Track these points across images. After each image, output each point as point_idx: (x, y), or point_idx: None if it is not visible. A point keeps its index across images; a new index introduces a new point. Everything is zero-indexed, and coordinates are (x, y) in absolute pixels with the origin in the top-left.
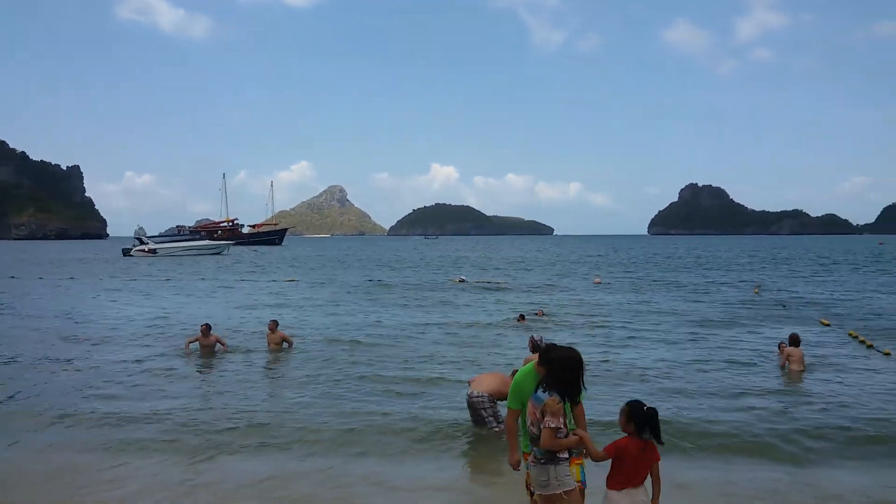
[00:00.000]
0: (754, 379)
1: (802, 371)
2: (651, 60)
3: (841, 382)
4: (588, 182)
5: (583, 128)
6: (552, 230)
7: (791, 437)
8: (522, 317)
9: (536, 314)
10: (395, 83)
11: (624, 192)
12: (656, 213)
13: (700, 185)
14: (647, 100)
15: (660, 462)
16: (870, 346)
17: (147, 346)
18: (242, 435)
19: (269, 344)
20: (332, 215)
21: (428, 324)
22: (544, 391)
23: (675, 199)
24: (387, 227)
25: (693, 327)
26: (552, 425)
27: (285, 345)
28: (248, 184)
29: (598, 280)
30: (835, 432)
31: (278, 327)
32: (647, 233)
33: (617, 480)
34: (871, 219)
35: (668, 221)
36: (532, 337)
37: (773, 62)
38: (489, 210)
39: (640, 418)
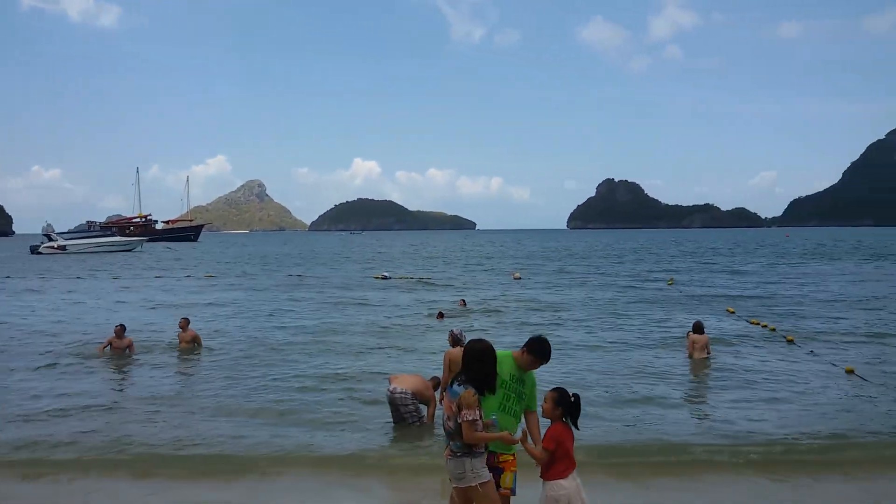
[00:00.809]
0: (658, 362)
1: (706, 357)
2: (568, 56)
3: (746, 366)
4: (509, 177)
5: (503, 123)
6: (474, 224)
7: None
8: (441, 314)
9: (459, 304)
10: (316, 76)
11: (544, 187)
12: (575, 207)
13: (616, 180)
14: (565, 95)
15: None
16: (773, 330)
17: (49, 351)
18: (161, 446)
19: (180, 342)
20: (250, 210)
21: (349, 321)
22: (459, 385)
23: (593, 193)
24: (308, 222)
25: (608, 317)
26: (469, 418)
27: (196, 344)
28: (161, 178)
29: (517, 275)
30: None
31: (189, 325)
32: (566, 227)
33: (560, 469)
34: (779, 212)
35: (587, 216)
36: (452, 331)
37: (684, 60)
38: (412, 205)
39: (567, 405)
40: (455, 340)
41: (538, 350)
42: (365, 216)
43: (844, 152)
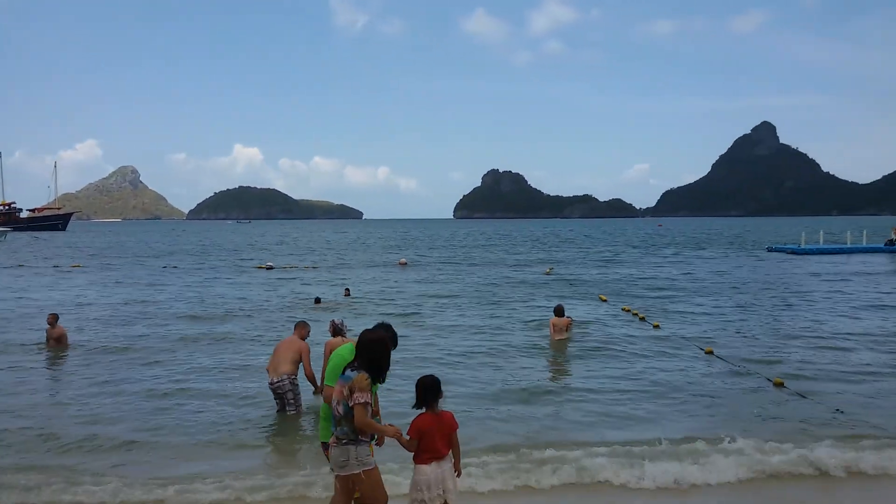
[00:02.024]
0: (526, 345)
1: (566, 339)
2: (453, 47)
3: (612, 349)
4: (396, 166)
5: (390, 112)
6: (361, 214)
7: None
8: (318, 300)
9: (343, 293)
10: (194, 59)
11: (431, 177)
12: (461, 197)
13: (501, 170)
14: (451, 86)
15: (457, 430)
16: (642, 319)
17: None
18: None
19: (48, 340)
20: (123, 198)
21: (228, 312)
22: (353, 370)
23: (479, 184)
24: (185, 210)
25: (487, 306)
26: (361, 400)
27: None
28: (26, 164)
29: (403, 262)
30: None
31: (58, 321)
32: (452, 216)
33: (424, 457)
34: (652, 203)
35: (472, 205)
36: (333, 321)
37: (564, 54)
38: (296, 194)
39: (419, 391)
40: (336, 330)
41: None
42: (247, 205)
43: (713, 146)
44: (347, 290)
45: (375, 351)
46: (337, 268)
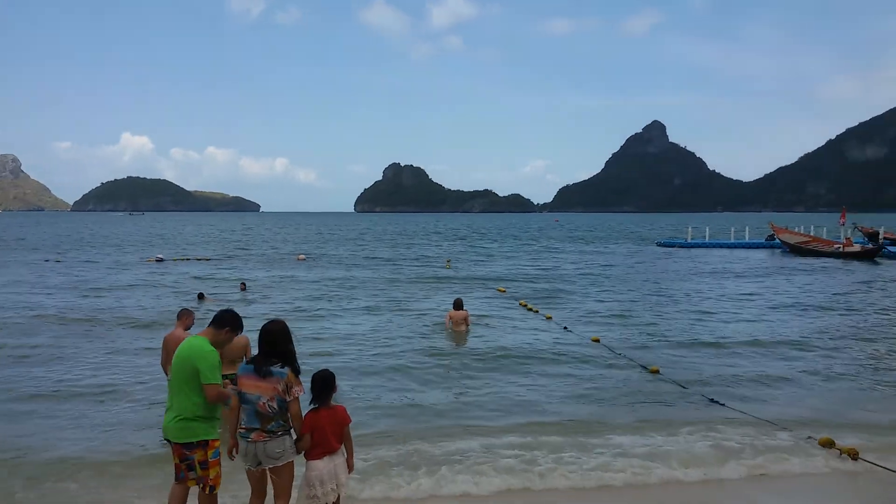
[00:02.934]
0: (425, 337)
1: (465, 331)
2: (353, 39)
3: (507, 340)
4: (295, 158)
5: (287, 103)
6: (258, 207)
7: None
8: (202, 295)
9: (239, 287)
10: (80, 41)
11: (331, 170)
12: (362, 191)
13: (402, 164)
14: (351, 78)
15: (350, 423)
16: (535, 311)
17: None
18: None
19: None
20: (3, 188)
21: (113, 307)
22: (280, 366)
23: (380, 177)
24: (71, 201)
25: (386, 299)
26: (300, 394)
27: None
28: None
29: (301, 257)
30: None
31: None
32: (353, 210)
33: (316, 452)
34: (550, 198)
35: (374, 199)
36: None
37: (464, 49)
38: (190, 185)
39: (314, 386)
40: None
41: (235, 323)
42: (136, 196)
43: (607, 144)
44: (243, 283)
45: (273, 341)
46: (232, 261)
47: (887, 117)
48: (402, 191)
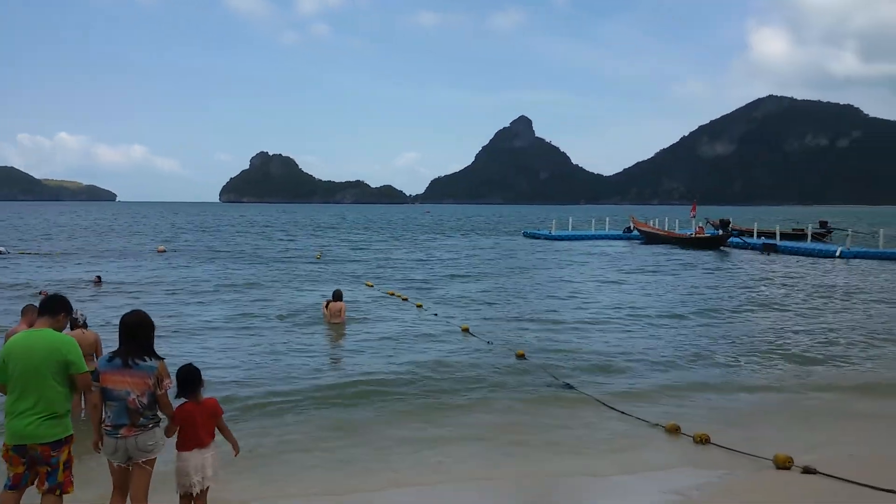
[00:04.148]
0: (299, 330)
1: (341, 323)
2: (215, 23)
3: (379, 330)
4: (154, 146)
5: (146, 89)
6: (115, 196)
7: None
8: (98, 279)
9: (94, 281)
10: None
11: (195, 158)
12: (228, 180)
13: (271, 153)
14: (214, 63)
15: (223, 415)
16: (405, 300)
17: None
18: None
19: None
20: None
21: None
22: (149, 359)
23: (247, 166)
24: None
25: (253, 292)
26: (171, 386)
27: None
28: None
29: (161, 248)
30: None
31: None
32: (219, 200)
33: (186, 444)
34: (422, 189)
35: (241, 189)
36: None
37: (333, 38)
38: (39, 172)
39: (178, 381)
40: (74, 324)
41: (69, 306)
42: None
43: (476, 137)
44: (98, 277)
45: (133, 334)
46: (86, 252)
47: (735, 116)
48: (271, 181)
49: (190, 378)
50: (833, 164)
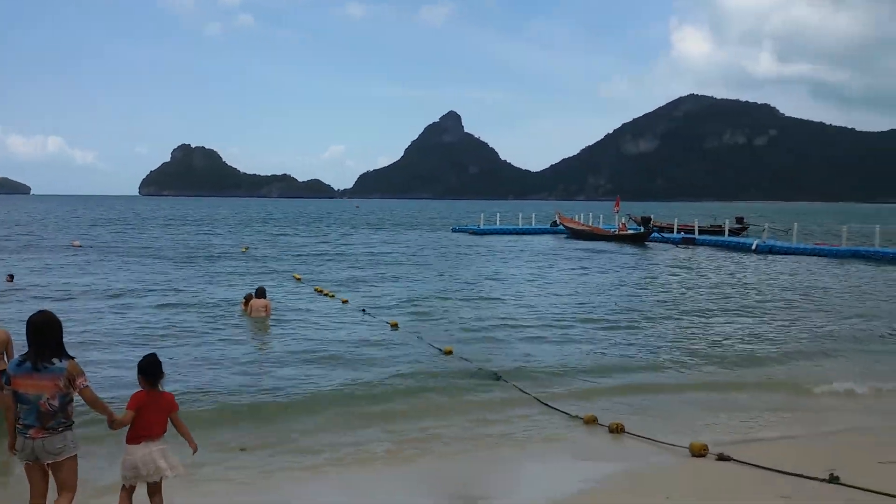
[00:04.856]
0: (221, 325)
1: (267, 317)
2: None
3: (307, 325)
4: (70, 137)
5: (62, 78)
6: (29, 189)
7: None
8: (10, 277)
9: (7, 280)
10: None
11: (112, 150)
12: (148, 173)
13: (193, 146)
14: (133, 53)
15: (178, 410)
16: (331, 297)
17: None
18: None
19: None
20: None
21: None
22: (60, 360)
23: (168, 159)
24: None
25: (174, 289)
26: (88, 383)
27: None
28: None
29: (77, 243)
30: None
31: None
32: (138, 193)
33: (136, 437)
34: (350, 184)
35: (161, 182)
36: None
37: (258, 29)
38: None
39: (140, 370)
40: None
41: None
42: None
43: (406, 132)
44: (10, 275)
45: (42, 333)
46: None
47: (657, 114)
48: (193, 174)
49: (150, 368)
50: (751, 162)
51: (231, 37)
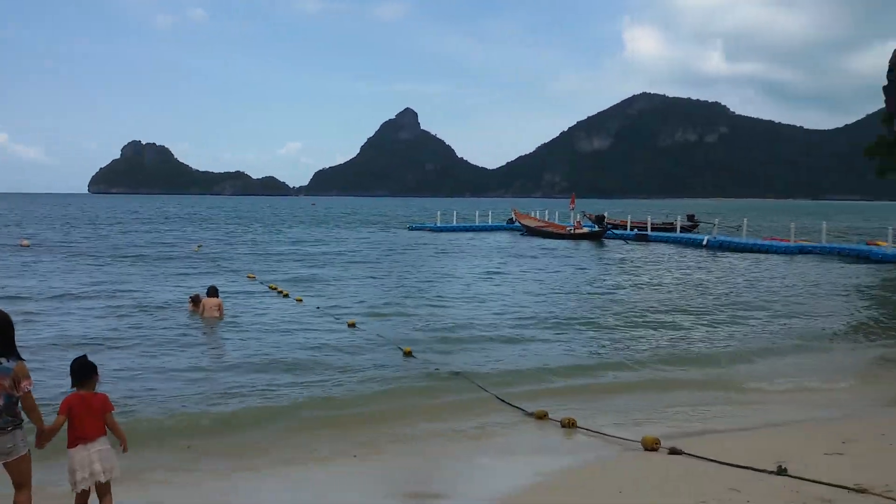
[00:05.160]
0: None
1: (219, 317)
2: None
3: (261, 324)
4: (14, 133)
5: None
6: None
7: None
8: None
9: None
10: None
11: (60, 147)
12: (97, 170)
13: (144, 142)
14: (82, 47)
15: (113, 411)
16: (286, 295)
17: None
18: None
19: None
20: None
21: None
22: (7, 360)
23: (118, 156)
24: None
25: (125, 289)
26: (30, 388)
27: None
28: None
29: (25, 242)
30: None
31: None
32: (87, 191)
33: (72, 437)
34: (306, 181)
35: (111, 180)
36: None
37: (210, 22)
38: None
39: (72, 371)
40: None
41: None
42: None
43: (362, 129)
44: None
45: (7, 330)
46: None
47: (611, 112)
48: (144, 171)
49: (81, 370)
50: (702, 159)
51: (183, 30)
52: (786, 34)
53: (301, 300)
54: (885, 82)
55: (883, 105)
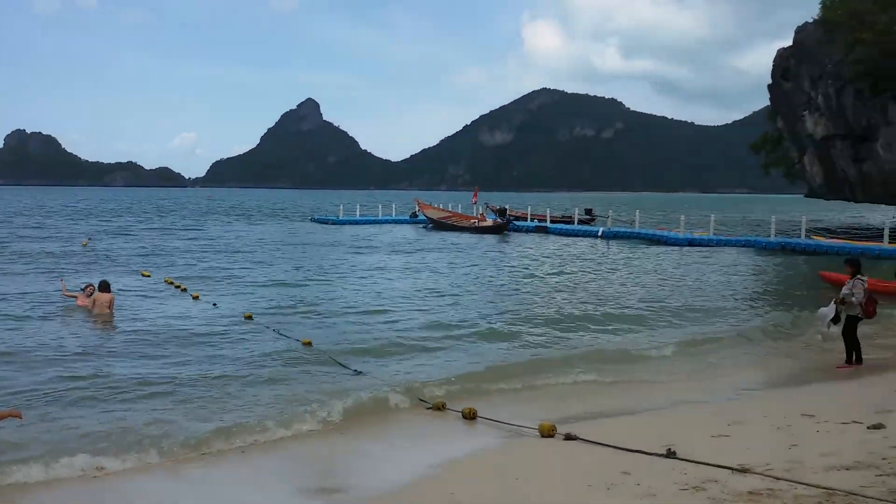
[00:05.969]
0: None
1: (111, 313)
2: None
3: (154, 321)
4: None
5: None
6: None
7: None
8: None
9: None
10: None
11: None
12: None
13: (29, 132)
14: None
15: None
16: (183, 290)
17: None
18: None
19: None
20: None
21: None
22: None
23: (1, 146)
24: None
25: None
26: None
27: None
28: None
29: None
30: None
31: None
32: None
33: None
34: (202, 173)
35: None
36: None
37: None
38: None
39: None
40: None
41: None
42: None
43: (261, 119)
44: None
45: None
46: None
47: (513, 107)
48: (29, 161)
49: None
50: (599, 154)
51: (69, 15)
52: (678, 33)
53: (198, 297)
54: (770, 81)
55: (768, 102)
